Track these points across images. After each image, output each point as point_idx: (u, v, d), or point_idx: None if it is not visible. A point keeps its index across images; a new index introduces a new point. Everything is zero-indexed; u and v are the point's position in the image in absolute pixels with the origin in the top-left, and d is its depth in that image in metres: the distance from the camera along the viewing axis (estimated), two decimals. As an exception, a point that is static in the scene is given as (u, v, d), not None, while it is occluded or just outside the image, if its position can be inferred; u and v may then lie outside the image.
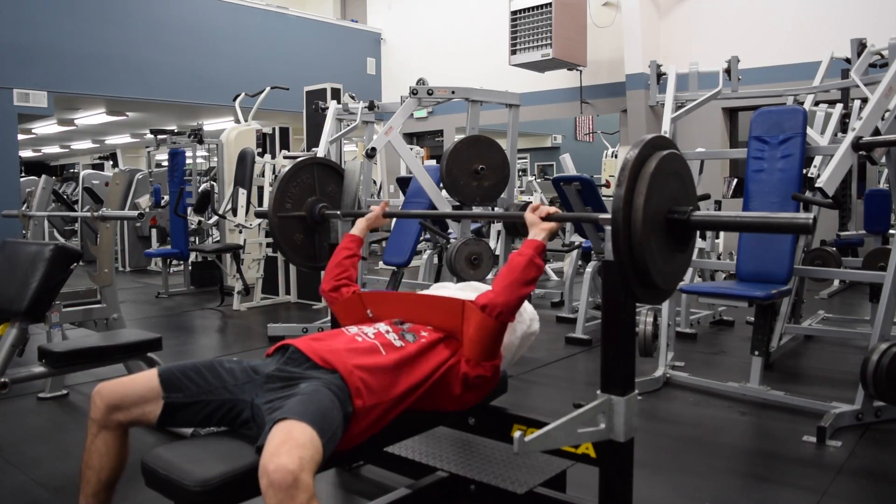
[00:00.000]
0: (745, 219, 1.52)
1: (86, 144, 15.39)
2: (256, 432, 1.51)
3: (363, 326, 1.80)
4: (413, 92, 3.86)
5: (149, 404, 1.55)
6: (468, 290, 1.99)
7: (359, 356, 1.64)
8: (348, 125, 4.65)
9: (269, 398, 1.53)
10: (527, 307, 1.97)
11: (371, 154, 3.87)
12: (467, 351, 1.74)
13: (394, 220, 5.44)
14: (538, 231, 1.73)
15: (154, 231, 8.44)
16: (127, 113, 10.48)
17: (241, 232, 6.21)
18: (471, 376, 1.73)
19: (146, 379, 1.58)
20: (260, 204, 7.18)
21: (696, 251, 5.16)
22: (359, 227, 2.19)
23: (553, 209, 1.75)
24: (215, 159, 7.28)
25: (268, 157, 6.97)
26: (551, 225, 1.72)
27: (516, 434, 1.28)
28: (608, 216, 1.44)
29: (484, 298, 1.71)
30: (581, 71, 8.63)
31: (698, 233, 5.81)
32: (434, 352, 1.75)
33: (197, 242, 7.70)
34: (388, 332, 1.76)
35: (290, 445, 1.29)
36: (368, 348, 1.67)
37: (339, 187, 2.56)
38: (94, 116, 10.68)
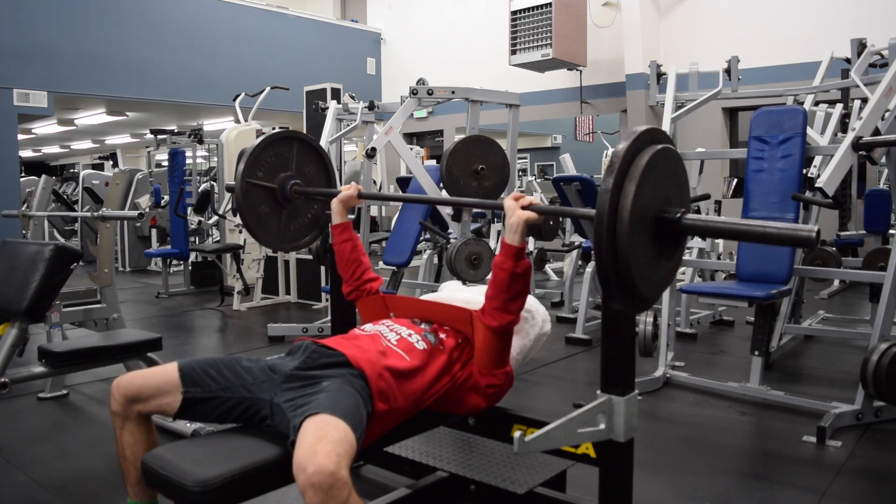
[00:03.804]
0: (742, 226, 1.33)
1: (86, 144, 15.40)
2: (276, 430, 1.55)
3: (384, 329, 1.81)
4: (413, 92, 3.86)
5: (167, 396, 1.57)
6: (477, 294, 1.99)
7: (385, 359, 1.65)
8: (348, 125, 4.64)
9: (290, 397, 1.54)
10: (539, 308, 1.98)
11: (371, 154, 3.87)
12: (477, 360, 1.76)
13: (394, 220, 5.44)
14: (512, 224, 1.59)
15: (154, 231, 8.45)
16: (127, 113, 10.49)
17: (241, 232, 6.20)
18: (482, 385, 1.75)
19: (164, 372, 1.61)
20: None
21: (696, 251, 5.17)
22: (337, 212, 2.10)
23: (534, 200, 1.62)
24: (215, 159, 7.28)
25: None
26: (527, 214, 1.58)
27: (516, 434, 1.28)
28: (591, 212, 1.29)
29: (484, 317, 1.71)
30: (581, 71, 8.63)
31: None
32: (452, 357, 1.76)
33: (197, 242, 7.70)
34: (410, 334, 1.77)
35: (325, 442, 1.31)
36: (393, 352, 1.69)
37: (317, 169, 2.40)
38: (94, 116, 10.69)
